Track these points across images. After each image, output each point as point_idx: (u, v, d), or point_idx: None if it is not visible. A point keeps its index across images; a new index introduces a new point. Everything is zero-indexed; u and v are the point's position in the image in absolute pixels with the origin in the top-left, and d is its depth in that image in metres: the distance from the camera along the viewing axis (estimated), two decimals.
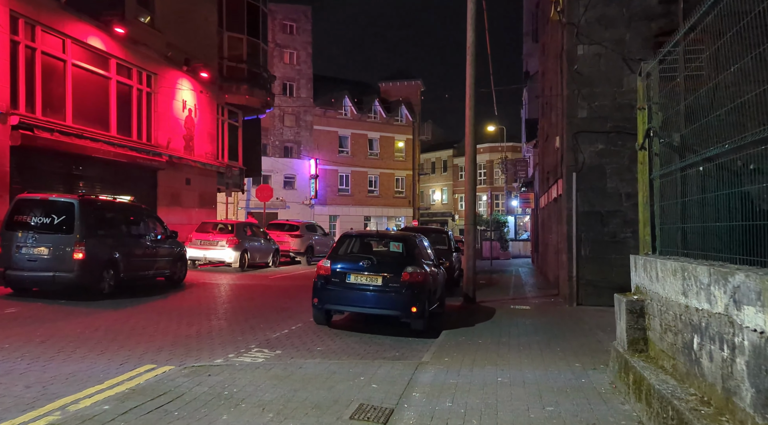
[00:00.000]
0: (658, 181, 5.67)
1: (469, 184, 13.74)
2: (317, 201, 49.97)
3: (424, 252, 10.80)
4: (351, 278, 9.45)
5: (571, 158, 12.86)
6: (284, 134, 50.18)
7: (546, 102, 20.03)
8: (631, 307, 5.38)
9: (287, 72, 49.96)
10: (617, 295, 5.84)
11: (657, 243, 5.70)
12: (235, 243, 18.99)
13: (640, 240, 6.05)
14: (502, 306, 12.76)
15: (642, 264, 5.39)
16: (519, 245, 43.20)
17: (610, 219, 12.66)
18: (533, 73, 40.05)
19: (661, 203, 5.57)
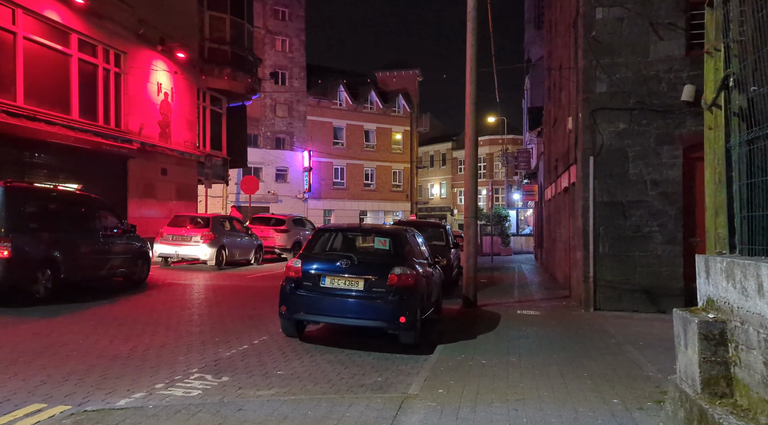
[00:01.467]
0: (738, 150, 3.97)
1: (470, 171, 12.02)
2: (311, 195, 48.21)
3: (416, 250, 9.10)
4: (326, 281, 7.74)
5: (588, 139, 11.13)
6: (276, 124, 48.33)
7: (553, 83, 18.28)
8: (708, 331, 3.67)
9: (279, 60, 48.11)
10: (680, 311, 4.11)
11: (737, 238, 3.99)
12: (210, 239, 17.25)
13: (709, 235, 4.33)
14: (507, 311, 11.07)
15: (724, 269, 3.67)
16: (521, 241, 41.47)
17: (633, 211, 10.95)
18: (536, 61, 38.49)
19: (748, 182, 3.87)
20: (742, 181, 3.91)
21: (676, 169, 10.80)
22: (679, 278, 10.70)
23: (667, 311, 10.64)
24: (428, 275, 9.02)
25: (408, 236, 8.82)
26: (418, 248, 9.29)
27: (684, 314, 3.98)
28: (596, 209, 11.05)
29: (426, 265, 9.21)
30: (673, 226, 10.77)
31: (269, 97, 47.55)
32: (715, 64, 4.18)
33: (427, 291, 8.70)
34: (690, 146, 10.78)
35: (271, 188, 46.04)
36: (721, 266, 3.67)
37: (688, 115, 10.72)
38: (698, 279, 4.17)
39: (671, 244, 10.78)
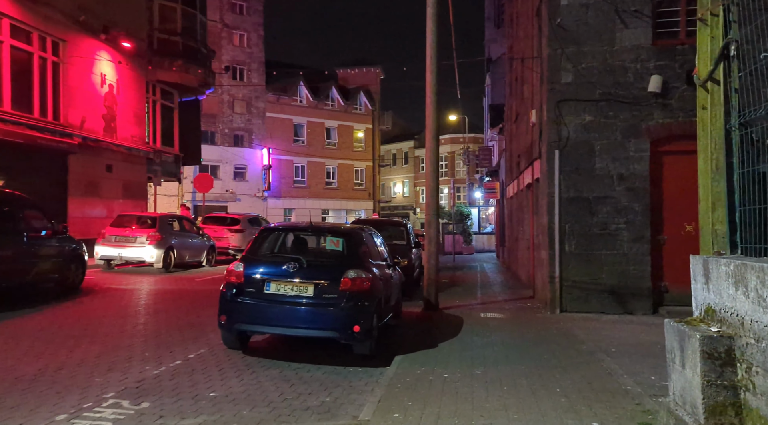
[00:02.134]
0: (738, 133, 3.38)
1: (431, 166, 11.36)
2: (271, 194, 47.01)
3: (374, 250, 8.38)
4: (272, 287, 6.94)
5: (554, 132, 10.60)
6: (234, 121, 46.95)
7: (515, 78, 17.81)
8: (712, 349, 3.04)
9: (237, 55, 46.76)
10: (674, 323, 3.48)
11: (739, 236, 3.39)
12: (157, 239, 16.16)
13: (704, 232, 3.73)
14: (471, 314, 10.44)
15: (731, 273, 3.05)
16: (483, 239, 41.20)
17: (600, 207, 10.47)
18: (496, 58, 38.32)
19: (751, 170, 3.27)
20: (745, 168, 3.31)
21: (643, 163, 10.36)
22: (647, 278, 10.27)
23: (635, 312, 10.20)
24: (386, 277, 8.33)
25: (364, 236, 8.09)
26: (375, 248, 8.58)
27: (680, 326, 3.35)
28: (562, 205, 10.53)
29: (384, 267, 8.51)
30: (641, 223, 10.33)
31: (227, 93, 46.16)
32: (711, 31, 3.57)
33: (385, 295, 8.00)
34: (657, 139, 10.36)
35: (230, 187, 44.71)
36: (728, 269, 3.05)
37: (655, 107, 10.29)
38: (694, 285, 3.55)
39: (639, 242, 10.33)
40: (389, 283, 8.54)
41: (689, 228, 10.38)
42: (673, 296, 10.37)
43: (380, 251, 8.86)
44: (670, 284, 10.38)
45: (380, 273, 7.88)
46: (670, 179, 10.43)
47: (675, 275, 10.36)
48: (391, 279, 8.69)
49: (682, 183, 10.39)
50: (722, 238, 3.47)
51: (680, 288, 10.34)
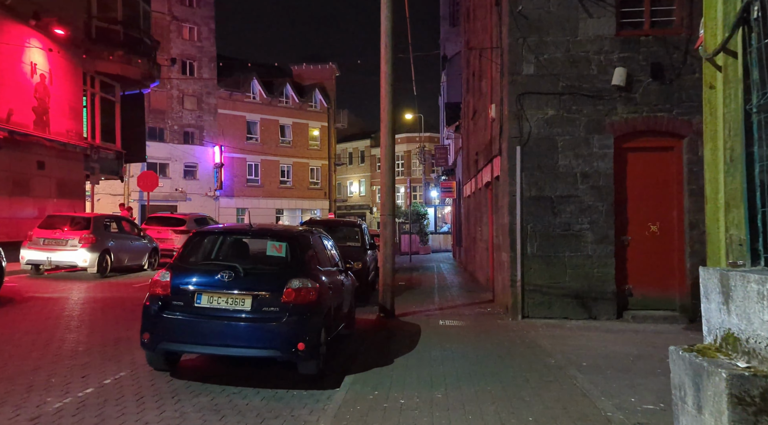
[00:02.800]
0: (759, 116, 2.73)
1: (387, 163, 10.62)
2: (223, 193, 45.48)
3: (323, 255, 7.57)
4: (203, 299, 6.05)
5: (515, 127, 10.00)
6: (184, 117, 45.20)
7: (472, 73, 17.26)
8: (743, 391, 2.36)
9: (187, 49, 45.01)
10: (685, 353, 2.79)
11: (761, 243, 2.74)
12: (91, 242, 14.90)
13: (712, 238, 3.08)
14: (429, 321, 9.75)
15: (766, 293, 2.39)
16: (439, 239, 40.81)
17: (563, 206, 9.93)
18: (452, 56, 38.01)
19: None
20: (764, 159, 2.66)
21: (607, 160, 9.87)
22: (611, 281, 9.79)
23: (599, 317, 9.70)
24: (337, 285, 7.54)
25: (311, 239, 7.27)
26: (325, 252, 7.77)
27: (694, 358, 2.67)
28: (524, 204, 9.95)
29: (335, 273, 7.73)
30: (605, 223, 9.85)
31: (176, 88, 44.39)
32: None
33: (336, 305, 7.22)
34: (621, 135, 9.90)
35: (179, 186, 43.02)
36: (761, 288, 2.38)
37: (618, 101, 9.82)
38: (705, 304, 2.90)
39: (603, 243, 9.84)
40: (340, 291, 7.76)
41: (654, 228, 9.96)
42: (638, 300, 9.93)
43: (330, 255, 8.06)
44: (634, 288, 9.93)
45: (330, 281, 7.08)
46: (634, 177, 9.98)
47: (639, 278, 9.93)
48: (342, 286, 7.90)
49: (646, 181, 9.97)
50: (739, 246, 2.82)
51: (645, 291, 9.91)
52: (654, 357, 6.86)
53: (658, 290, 9.90)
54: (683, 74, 9.68)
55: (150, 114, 43.50)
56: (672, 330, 8.86)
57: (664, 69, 9.69)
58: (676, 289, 9.83)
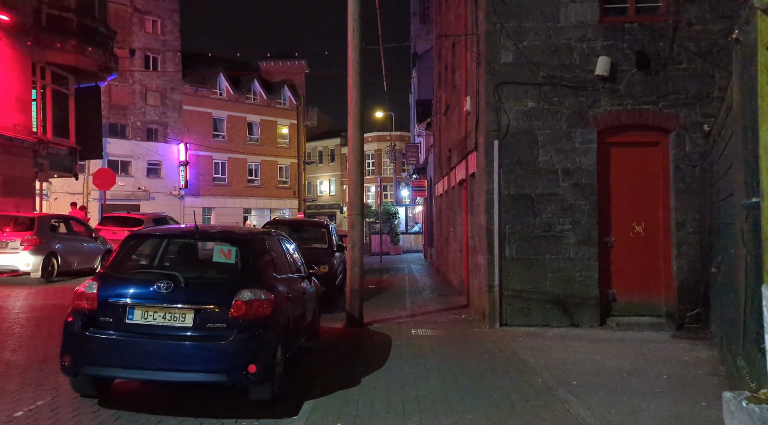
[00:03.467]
0: None
1: (354, 158, 9.80)
2: (188, 192, 44.04)
3: (281, 260, 6.73)
4: (136, 315, 5.17)
5: (492, 120, 9.29)
6: (147, 113, 43.63)
7: (444, 66, 16.56)
8: None
9: (150, 43, 43.42)
10: (753, 406, 2.07)
11: None
12: (34, 244, 13.74)
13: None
14: (400, 331, 8.97)
15: None
16: (410, 239, 40.07)
17: (544, 205, 9.26)
18: (422, 53, 37.48)
19: None
20: None
21: (590, 156, 9.23)
22: (594, 285, 9.15)
23: (582, 325, 9.06)
24: (298, 294, 6.73)
25: (267, 243, 6.42)
26: (284, 257, 6.93)
27: None
28: (502, 203, 9.25)
29: (296, 280, 6.91)
30: (588, 223, 9.21)
31: (139, 83, 42.83)
32: None
33: (296, 316, 6.41)
34: (605, 129, 9.27)
35: (142, 184, 41.51)
36: None
37: (602, 92, 9.19)
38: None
39: (585, 244, 9.20)
40: (302, 300, 6.94)
41: (638, 229, 9.36)
42: (622, 305, 9.32)
43: (291, 260, 7.23)
44: (618, 292, 9.32)
45: (289, 290, 6.26)
46: (618, 174, 9.37)
47: (623, 282, 9.32)
48: (304, 295, 7.09)
49: (631, 179, 9.37)
50: None
51: (629, 296, 9.32)
52: (649, 372, 6.21)
53: (643, 295, 9.30)
54: (669, 64, 9.09)
55: (111, 110, 41.93)
56: (660, 339, 8.25)
57: (650, 59, 9.09)
58: (662, 294, 9.24)
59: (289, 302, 6.16)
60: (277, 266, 6.41)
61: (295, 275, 7.01)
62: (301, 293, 7.00)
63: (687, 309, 8.95)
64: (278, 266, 6.45)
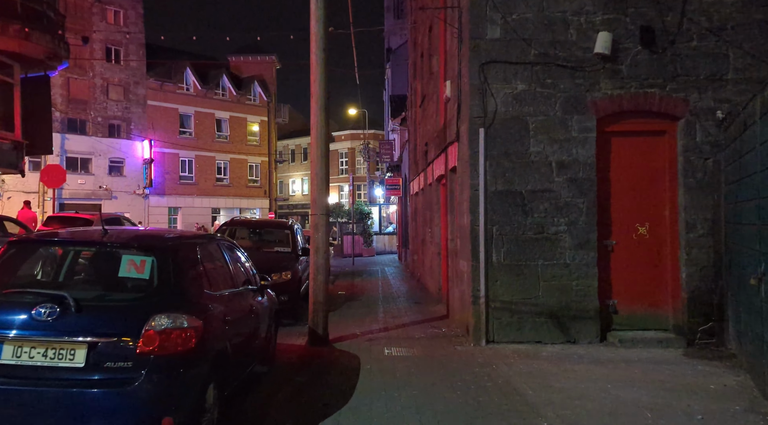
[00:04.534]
0: None
1: (318, 148, 8.45)
2: (153, 190, 42.10)
3: (219, 272, 5.37)
4: (5, 352, 3.80)
5: (477, 105, 8.03)
6: (109, 108, 41.53)
7: (420, 54, 15.30)
8: None
9: (112, 34, 41.35)
10: None
11: None
12: None
13: None
14: (371, 350, 7.66)
15: None
16: (384, 240, 38.78)
17: (536, 204, 8.04)
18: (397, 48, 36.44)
19: None
20: None
21: (589, 146, 8.04)
22: (593, 295, 7.97)
23: (579, 341, 7.85)
24: (243, 313, 5.41)
25: (199, 251, 5.04)
26: (225, 268, 5.56)
27: None
28: (488, 201, 8.01)
29: (242, 295, 5.59)
30: (586, 224, 8.02)
31: (99, 77, 40.73)
32: None
33: (240, 341, 5.10)
34: (605, 115, 8.08)
35: (104, 183, 39.46)
36: None
37: (602, 73, 8.01)
38: None
39: (583, 248, 8.01)
40: (250, 319, 5.63)
41: (642, 231, 8.21)
42: (623, 318, 8.15)
43: (236, 270, 5.87)
44: (619, 303, 8.15)
45: (229, 309, 4.94)
46: (620, 168, 8.20)
47: (625, 292, 8.16)
48: (253, 313, 5.77)
49: (634, 173, 8.21)
50: None
51: (631, 308, 8.15)
52: (676, 409, 5.02)
53: (648, 305, 8.15)
54: (678, 42, 7.94)
55: (70, 104, 39.82)
56: (671, 358, 7.10)
57: (656, 35, 7.93)
58: (669, 304, 8.10)
59: (229, 326, 4.83)
60: (214, 280, 5.06)
61: (240, 289, 5.67)
62: (248, 311, 5.67)
63: (698, 323, 7.81)
64: (215, 280, 5.10)
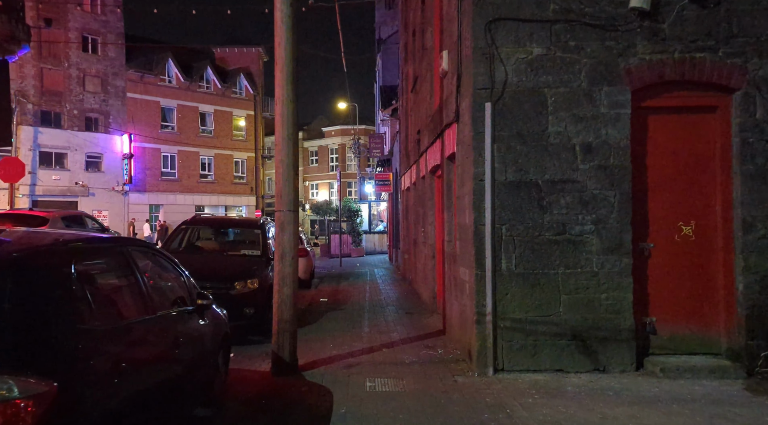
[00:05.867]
0: None
1: (286, 129, 6.75)
2: (133, 187, 40.20)
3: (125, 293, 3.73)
4: None
5: (483, 74, 6.37)
6: (86, 101, 39.53)
7: (413, 32, 13.63)
8: None
9: (89, 23, 39.40)
10: None
11: None
12: None
13: None
14: (349, 381, 6.00)
15: None
16: (374, 239, 37.04)
17: (556, 197, 6.41)
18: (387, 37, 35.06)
19: None
20: None
21: (622, 126, 6.41)
22: (627, 311, 6.35)
23: (610, 369, 6.22)
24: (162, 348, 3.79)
25: (75, 265, 3.33)
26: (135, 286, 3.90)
27: None
28: (496, 194, 6.37)
29: (168, 322, 3.96)
30: (618, 222, 6.40)
31: (76, 67, 38.73)
32: None
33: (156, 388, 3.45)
34: (642, 87, 6.46)
35: (80, 179, 37.54)
36: None
37: (638, 34, 6.39)
38: None
39: (615, 253, 6.39)
40: (176, 351, 4.03)
41: (686, 231, 6.59)
42: (663, 339, 6.53)
43: (155, 288, 4.21)
44: (658, 321, 6.54)
45: (132, 347, 3.33)
46: (660, 153, 6.59)
47: (666, 307, 6.55)
48: (181, 343, 4.12)
49: (678, 159, 6.59)
50: None
51: (672, 327, 6.53)
52: None
53: (694, 324, 6.54)
54: None
55: (43, 96, 37.85)
56: (732, 395, 5.50)
57: None
58: (721, 323, 6.49)
59: (132, 372, 3.19)
60: (106, 306, 3.40)
61: (161, 314, 4.01)
62: (173, 342, 4.03)
63: (760, 346, 6.22)
64: (108, 306, 3.44)
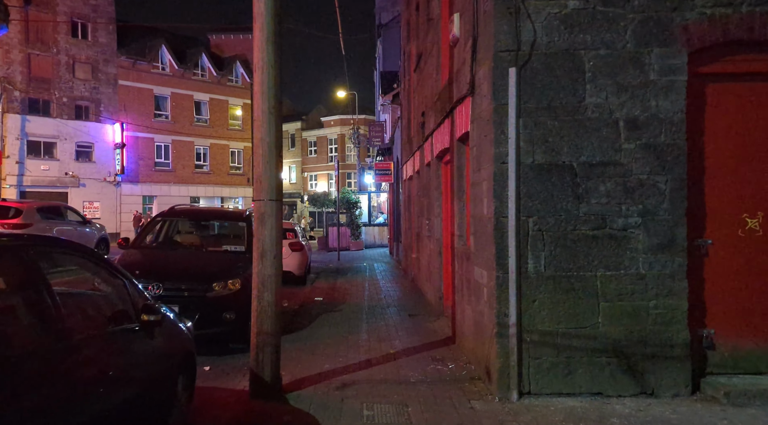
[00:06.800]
0: None
1: (267, 100, 5.54)
2: (125, 178, 39.06)
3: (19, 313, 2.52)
4: None
5: (507, 32, 5.18)
6: (76, 88, 38.23)
7: (416, 6, 12.40)
8: None
9: (78, 7, 38.03)
10: None
11: None
12: None
13: None
14: (342, 410, 4.85)
15: None
16: (374, 232, 35.83)
17: (594, 183, 5.23)
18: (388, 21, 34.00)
19: None
20: None
21: (675, 96, 5.23)
22: (681, 321, 5.20)
23: (660, 393, 5.02)
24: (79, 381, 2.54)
25: None
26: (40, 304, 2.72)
27: None
28: (522, 180, 5.19)
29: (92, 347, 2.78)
30: (669, 213, 5.23)
31: (65, 53, 37.41)
32: None
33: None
34: (702, 48, 5.27)
35: (70, 169, 36.41)
36: None
37: None
38: None
39: (666, 251, 5.22)
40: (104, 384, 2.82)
41: (753, 224, 5.42)
42: (724, 356, 5.38)
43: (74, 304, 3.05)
44: (717, 334, 5.39)
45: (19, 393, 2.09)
46: (721, 130, 5.41)
47: (727, 317, 5.39)
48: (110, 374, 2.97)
49: (743, 137, 5.41)
50: None
51: (735, 341, 5.37)
52: None
53: (761, 337, 5.39)
54: None
55: (31, 83, 36.57)
56: None
57: None
58: None
59: None
60: None
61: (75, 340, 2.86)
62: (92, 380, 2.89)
63: None
64: None
